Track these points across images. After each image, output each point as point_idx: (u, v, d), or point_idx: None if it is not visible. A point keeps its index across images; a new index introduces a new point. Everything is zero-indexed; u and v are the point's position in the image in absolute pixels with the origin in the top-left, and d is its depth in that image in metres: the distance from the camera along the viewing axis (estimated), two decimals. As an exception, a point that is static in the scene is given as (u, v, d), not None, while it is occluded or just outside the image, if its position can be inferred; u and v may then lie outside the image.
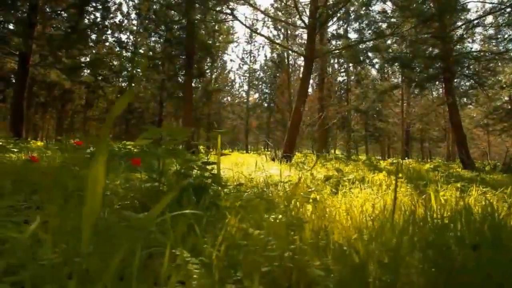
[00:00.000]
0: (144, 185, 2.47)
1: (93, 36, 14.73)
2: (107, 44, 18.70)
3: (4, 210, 1.56)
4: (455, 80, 13.54)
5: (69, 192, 2.39)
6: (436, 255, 0.94)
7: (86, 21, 13.05)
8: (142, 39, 22.57)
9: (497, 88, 13.47)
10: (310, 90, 24.53)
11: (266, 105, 32.61)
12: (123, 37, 27.35)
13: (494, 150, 33.06)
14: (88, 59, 18.74)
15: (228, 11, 10.68)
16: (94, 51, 17.24)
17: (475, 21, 11.08)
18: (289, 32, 22.19)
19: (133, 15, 25.44)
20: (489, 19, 14.99)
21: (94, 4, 12.45)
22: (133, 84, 25.66)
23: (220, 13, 12.79)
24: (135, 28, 24.44)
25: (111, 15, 15.52)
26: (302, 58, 27.67)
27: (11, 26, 11.58)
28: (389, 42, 14.21)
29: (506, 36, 14.80)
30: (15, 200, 1.93)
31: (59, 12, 11.58)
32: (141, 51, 22.38)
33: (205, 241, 0.97)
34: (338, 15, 11.92)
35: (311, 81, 27.22)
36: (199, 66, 14.91)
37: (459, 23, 11.92)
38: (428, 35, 11.19)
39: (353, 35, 37.06)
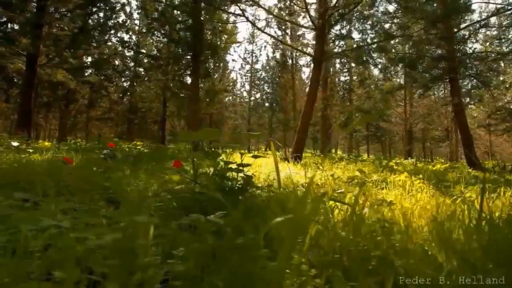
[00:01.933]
0: (180, 187, 2.51)
1: (98, 36, 14.76)
2: (110, 44, 18.73)
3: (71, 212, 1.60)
4: (459, 80, 13.62)
5: (107, 194, 2.44)
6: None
7: (90, 21, 13.09)
8: (145, 39, 22.61)
9: (502, 89, 13.56)
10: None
11: (267, 105, 32.66)
12: (126, 36, 27.37)
13: (494, 150, 33.22)
14: (92, 59, 18.79)
15: (239, 11, 10.72)
16: (97, 51, 17.28)
17: (482, 22, 11.16)
18: (293, 32, 22.27)
19: (135, 15, 25.54)
20: (492, 19, 15.09)
21: (100, 5, 12.48)
22: (135, 84, 25.71)
23: (230, 14, 12.86)
24: (138, 28, 24.49)
25: (115, 15, 15.55)
26: (304, 58, 27.76)
27: (16, 27, 11.61)
28: (392, 42, 14.29)
29: (510, 36, 14.90)
30: (62, 202, 1.97)
31: (65, 12, 11.59)
32: (143, 50, 22.43)
33: (292, 244, 1.01)
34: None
35: (313, 81, 27.26)
36: (204, 66, 14.95)
37: (464, 24, 12.00)
38: (433, 36, 11.26)
39: (355, 35, 37.09)
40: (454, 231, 1.21)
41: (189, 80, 19.42)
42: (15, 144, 5.12)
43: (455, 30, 11.55)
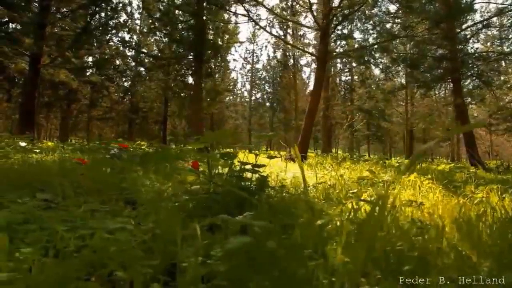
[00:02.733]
0: (196, 187, 2.52)
1: (100, 36, 14.76)
2: (111, 43, 18.73)
3: (100, 214, 1.62)
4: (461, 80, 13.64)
5: (124, 195, 2.45)
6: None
7: (92, 21, 13.10)
8: (146, 39, 22.62)
9: (505, 89, 13.60)
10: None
11: (268, 104, 32.68)
12: (127, 36, 27.39)
13: (494, 149, 33.29)
14: (93, 59, 18.80)
15: (243, 12, 10.75)
16: (99, 51, 17.29)
17: (484, 22, 11.19)
18: (294, 32, 22.29)
19: (136, 15, 25.53)
20: (493, 19, 15.13)
21: (102, 5, 12.47)
22: (136, 83, 25.72)
23: (234, 14, 12.94)
24: (139, 27, 24.52)
25: (116, 15, 15.56)
26: (305, 58, 27.76)
27: (19, 27, 11.61)
28: (393, 42, 14.31)
29: (511, 36, 14.93)
30: (87, 203, 1.99)
31: (68, 13, 11.60)
32: (144, 50, 22.44)
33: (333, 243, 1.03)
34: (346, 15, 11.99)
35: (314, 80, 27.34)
36: (207, 66, 14.98)
37: (467, 24, 12.03)
38: (436, 36, 11.27)
39: (357, 35, 37.05)
40: (482, 231, 1.23)
41: (190, 80, 19.47)
42: (22, 144, 5.14)
43: (458, 30, 11.57)
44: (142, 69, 23.99)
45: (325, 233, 1.23)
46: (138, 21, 25.40)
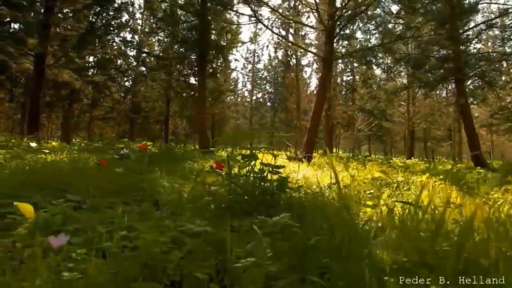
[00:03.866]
0: (216, 188, 2.54)
1: (103, 37, 14.75)
2: (113, 43, 18.72)
3: (135, 215, 1.64)
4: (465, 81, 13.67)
5: (147, 196, 2.47)
6: None
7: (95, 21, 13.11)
8: (147, 39, 22.62)
9: (507, 89, 13.65)
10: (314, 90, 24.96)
11: (269, 104, 32.70)
12: (128, 36, 27.39)
13: (495, 149, 33.38)
14: (95, 59, 18.82)
15: (250, 12, 10.77)
16: (101, 51, 17.29)
17: (488, 23, 11.23)
18: (297, 32, 22.30)
19: (138, 15, 25.54)
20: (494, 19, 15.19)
21: (106, 5, 12.47)
22: (136, 83, 25.72)
23: (240, 14, 12.95)
24: (141, 27, 24.54)
25: (119, 15, 15.57)
26: (306, 58, 27.69)
27: (22, 27, 11.62)
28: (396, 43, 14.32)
29: (512, 36, 14.96)
30: (117, 203, 2.00)
31: (72, 13, 11.61)
32: (146, 50, 22.45)
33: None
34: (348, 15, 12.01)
35: (316, 81, 27.43)
36: (210, 66, 15.00)
37: (471, 25, 12.08)
38: (440, 36, 11.31)
39: (359, 35, 37.01)
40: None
41: (192, 80, 19.51)
42: (32, 145, 5.16)
43: (461, 31, 11.60)
44: (143, 69, 24.04)
45: (365, 233, 1.25)
46: (139, 21, 25.45)
